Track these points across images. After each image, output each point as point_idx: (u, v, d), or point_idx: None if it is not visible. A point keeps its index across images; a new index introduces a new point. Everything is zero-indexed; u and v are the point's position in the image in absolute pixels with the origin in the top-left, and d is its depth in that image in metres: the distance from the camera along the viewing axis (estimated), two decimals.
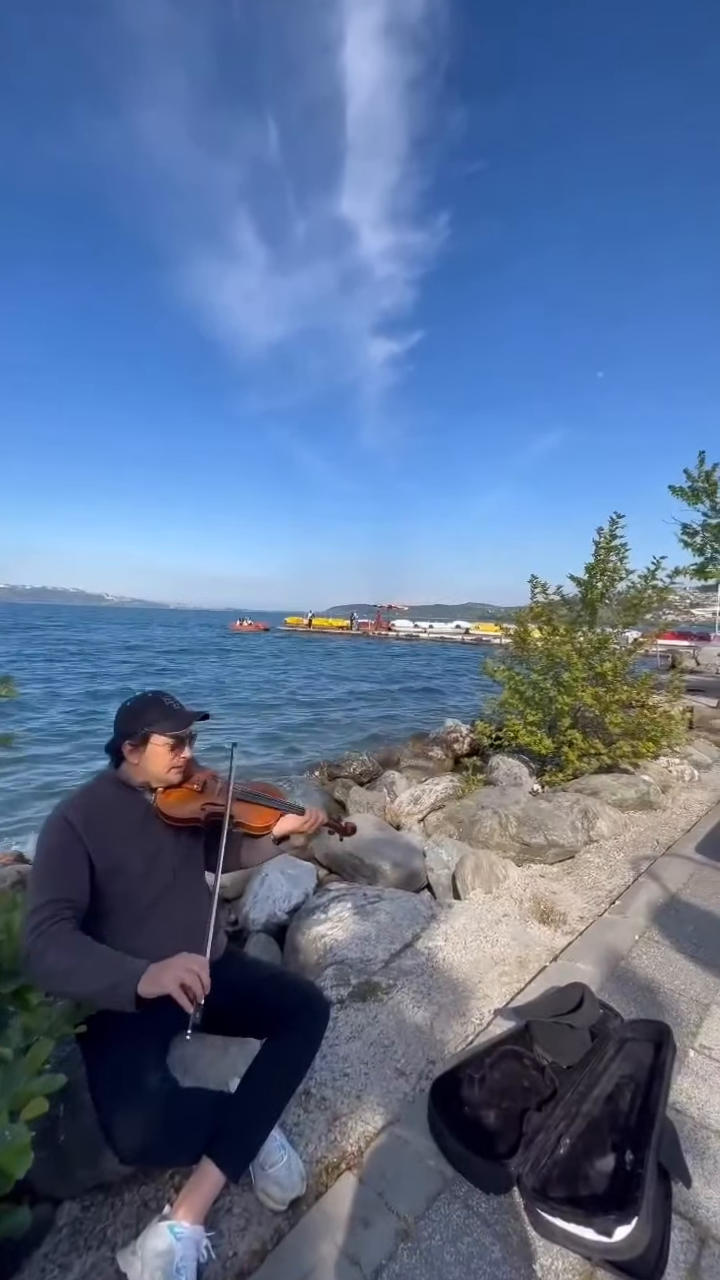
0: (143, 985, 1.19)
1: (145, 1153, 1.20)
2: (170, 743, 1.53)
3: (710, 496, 9.58)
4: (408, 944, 2.51)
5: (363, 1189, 1.35)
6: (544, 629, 5.92)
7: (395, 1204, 1.31)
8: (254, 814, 1.64)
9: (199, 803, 1.58)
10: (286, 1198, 1.34)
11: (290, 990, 1.59)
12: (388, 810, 4.80)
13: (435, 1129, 1.46)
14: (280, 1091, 1.43)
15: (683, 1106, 1.60)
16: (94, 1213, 1.33)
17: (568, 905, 2.93)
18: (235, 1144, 1.31)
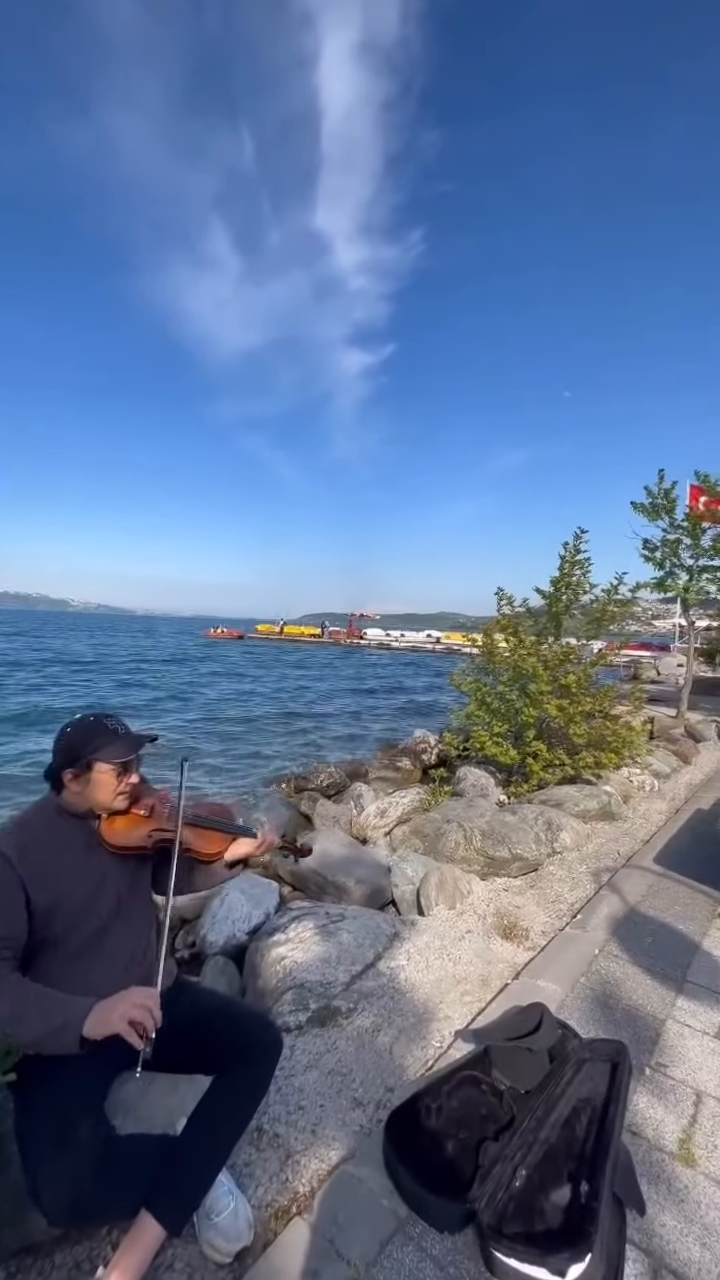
0: (89, 1026, 1.12)
1: (75, 1211, 1.12)
2: (116, 770, 1.45)
3: (669, 513, 9.93)
4: (370, 964, 2.46)
5: (313, 1236, 1.28)
6: (510, 640, 5.99)
7: (347, 1250, 1.25)
8: (205, 839, 1.57)
9: (146, 829, 1.50)
10: (232, 1249, 1.26)
11: (241, 1023, 1.52)
12: (354, 824, 4.75)
13: (390, 1165, 1.41)
14: (229, 1133, 1.36)
15: (638, 1128, 1.59)
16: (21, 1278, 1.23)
17: (530, 919, 2.93)
18: (177, 1193, 1.23)
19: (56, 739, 1.47)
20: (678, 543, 9.93)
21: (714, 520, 9.54)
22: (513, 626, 6.08)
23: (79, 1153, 1.13)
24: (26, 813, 1.47)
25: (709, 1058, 1.89)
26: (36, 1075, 1.21)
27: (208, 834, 1.60)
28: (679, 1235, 1.30)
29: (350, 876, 3.32)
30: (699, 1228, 1.32)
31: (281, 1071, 1.82)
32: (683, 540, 9.89)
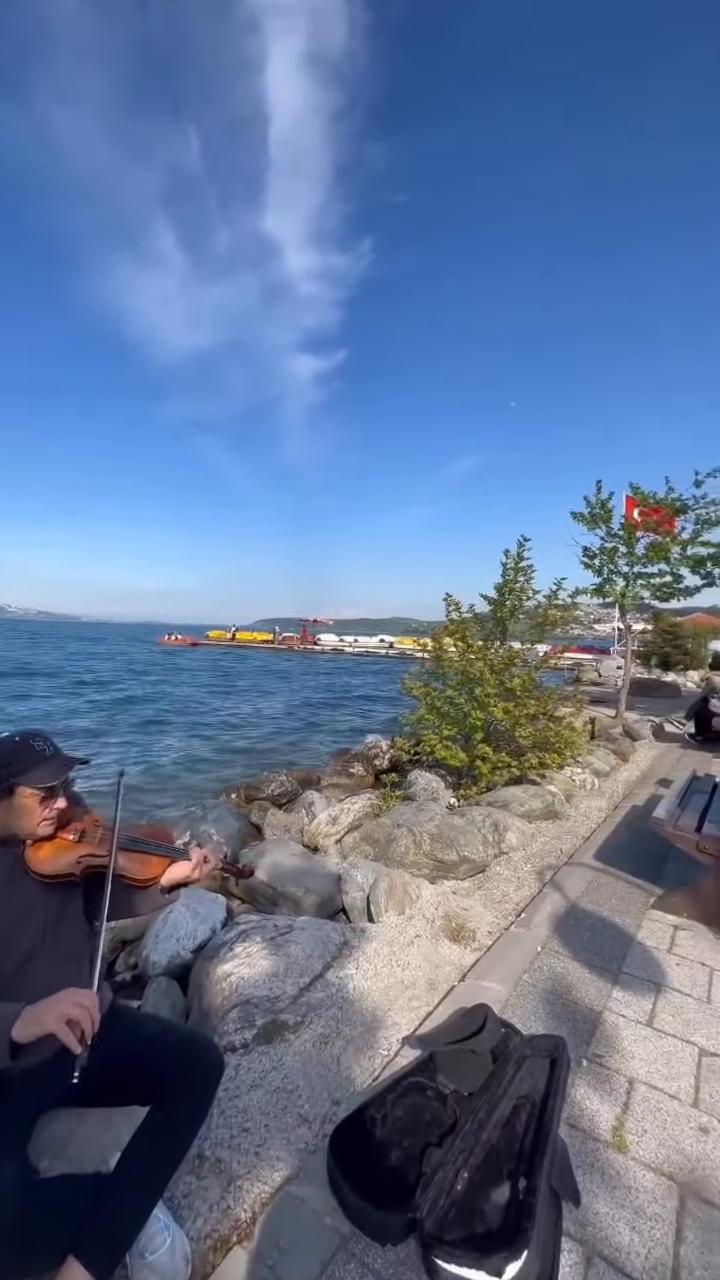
0: (19, 1028, 1.06)
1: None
2: (40, 795, 1.38)
3: (606, 522, 10.44)
4: (318, 975, 2.44)
5: (253, 1264, 1.25)
6: (458, 645, 6.13)
7: (287, 1276, 1.22)
8: (139, 864, 1.51)
9: (75, 855, 1.43)
10: None
11: (180, 1047, 1.47)
12: (305, 832, 4.70)
13: (334, 1182, 1.40)
14: (166, 1166, 1.30)
15: (575, 1119, 1.65)
16: None
17: (478, 921, 2.98)
18: (108, 1236, 1.17)
19: None
20: (614, 550, 10.45)
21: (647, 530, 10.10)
22: (460, 632, 6.22)
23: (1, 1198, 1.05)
24: None
25: (641, 1045, 1.98)
26: None
27: (142, 858, 1.54)
28: (611, 1222, 1.35)
29: (301, 887, 3.29)
30: (629, 1212, 1.37)
31: (225, 1093, 1.77)
32: (619, 548, 10.41)
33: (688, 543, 9.76)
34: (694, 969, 2.46)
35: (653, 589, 10.40)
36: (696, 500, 9.62)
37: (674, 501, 9.73)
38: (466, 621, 6.36)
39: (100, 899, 1.36)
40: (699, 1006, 2.20)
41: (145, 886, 1.54)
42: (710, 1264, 1.26)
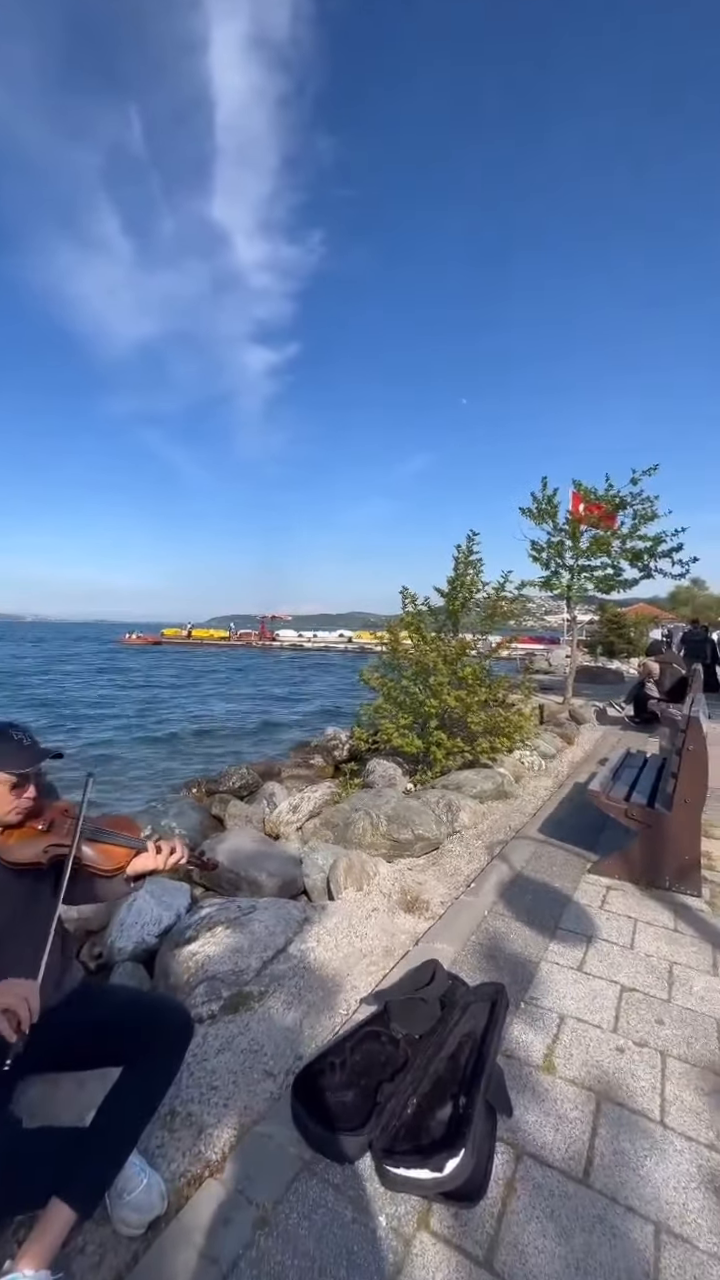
0: None
1: None
2: (12, 782, 1.45)
3: (552, 518, 10.92)
4: (280, 950, 2.57)
5: (224, 1191, 1.39)
6: (414, 637, 6.35)
7: (255, 1196, 1.37)
8: (105, 855, 1.57)
9: (42, 844, 1.49)
10: (144, 1220, 1.33)
11: (147, 1011, 1.58)
12: (267, 822, 4.81)
13: (297, 1117, 1.55)
14: (138, 1117, 1.42)
15: (512, 1051, 1.86)
16: None
17: (431, 893, 3.19)
18: (87, 1178, 1.28)
19: None
20: (560, 544, 10.95)
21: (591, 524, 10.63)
22: (415, 624, 6.44)
23: None
24: None
25: (571, 987, 2.22)
26: None
27: (108, 848, 1.60)
28: (538, 1128, 1.56)
29: (262, 871, 3.41)
30: (554, 1119, 1.59)
31: (194, 1058, 1.88)
32: (565, 542, 10.91)
33: (626, 537, 10.33)
34: (621, 921, 2.74)
35: (596, 581, 10.96)
36: (634, 497, 10.20)
37: (613, 497, 10.28)
38: (421, 614, 6.59)
39: (68, 886, 1.44)
40: (623, 952, 2.47)
41: (110, 876, 1.63)
42: (618, 1150, 1.49)
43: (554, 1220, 1.31)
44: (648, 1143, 1.52)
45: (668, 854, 3.04)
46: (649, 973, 2.32)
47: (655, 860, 3.07)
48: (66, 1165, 1.27)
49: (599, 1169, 1.44)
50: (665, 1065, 1.81)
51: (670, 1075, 1.76)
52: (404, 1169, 1.34)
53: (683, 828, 3.01)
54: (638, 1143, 1.52)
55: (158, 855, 1.65)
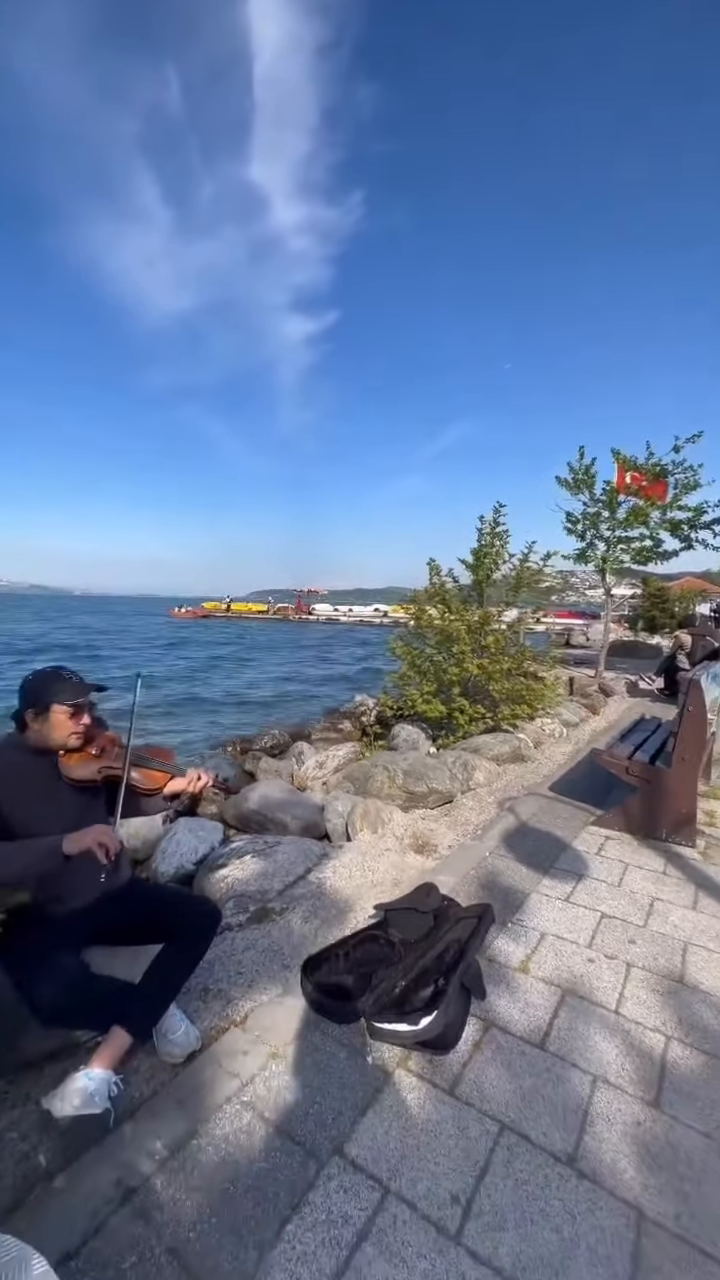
0: (68, 844, 1.52)
1: (62, 1014, 1.51)
2: (69, 711, 1.77)
3: (589, 488, 10.70)
4: (300, 877, 2.92)
5: (245, 1035, 1.74)
6: (439, 608, 6.53)
7: (269, 1039, 1.71)
8: (146, 776, 1.92)
9: (96, 765, 1.83)
10: (183, 1053, 1.69)
11: (185, 902, 1.94)
12: (295, 776, 5.19)
13: (304, 988, 1.88)
14: (178, 975, 1.77)
15: (494, 956, 2.14)
16: (17, 1085, 1.62)
17: (440, 839, 3.47)
18: (140, 1012, 1.64)
19: (20, 686, 1.78)
20: (597, 515, 10.75)
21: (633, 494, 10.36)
22: (441, 595, 6.61)
23: (63, 972, 1.52)
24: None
25: (556, 913, 2.47)
26: (29, 921, 1.58)
27: (148, 772, 1.94)
28: (507, 1009, 1.84)
29: (287, 814, 3.77)
30: (522, 1004, 1.87)
31: (224, 953, 2.25)
32: (601, 513, 10.71)
33: (667, 507, 10.06)
34: (613, 865, 2.96)
35: (633, 553, 10.74)
36: (676, 465, 9.89)
37: (654, 466, 10.00)
38: (446, 586, 6.75)
39: (115, 799, 1.79)
40: (609, 888, 2.71)
41: (150, 794, 1.97)
42: (573, 1028, 1.76)
43: (509, 1069, 1.60)
44: (600, 1025, 1.79)
45: (665, 808, 3.21)
46: (630, 905, 2.55)
47: (653, 813, 3.26)
48: (123, 1003, 1.63)
49: (554, 1039, 1.72)
50: (629, 973, 2.05)
51: (631, 980, 2.01)
52: (387, 1024, 1.65)
53: (681, 783, 3.18)
54: (591, 1024, 1.79)
55: (189, 779, 1.99)
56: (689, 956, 2.17)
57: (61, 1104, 1.44)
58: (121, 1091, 1.53)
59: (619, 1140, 1.40)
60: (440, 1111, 1.46)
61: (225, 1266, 1.10)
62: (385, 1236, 1.16)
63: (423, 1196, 1.25)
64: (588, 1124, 1.44)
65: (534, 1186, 1.28)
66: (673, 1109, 1.49)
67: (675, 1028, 1.79)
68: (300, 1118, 1.44)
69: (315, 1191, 1.25)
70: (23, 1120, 1.49)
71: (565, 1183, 1.29)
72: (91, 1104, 1.42)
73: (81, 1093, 1.44)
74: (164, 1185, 1.26)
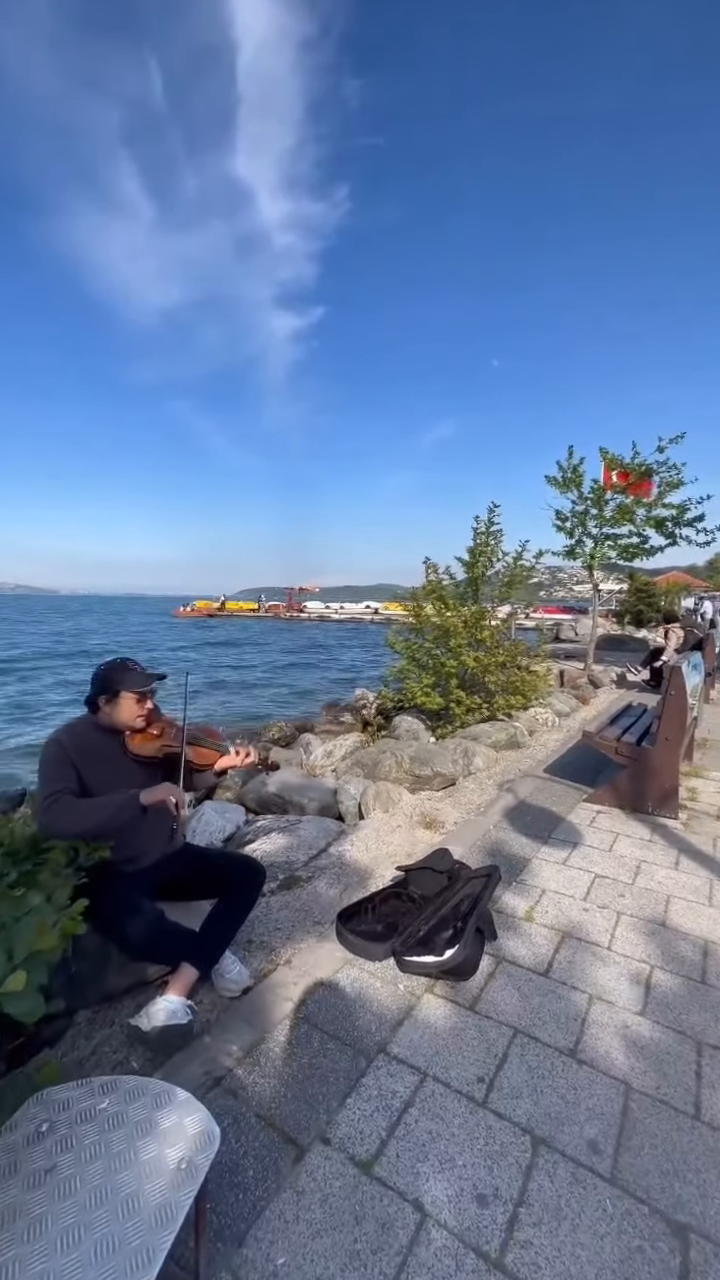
0: (145, 796, 1.84)
1: (144, 949, 1.79)
2: (136, 697, 2.05)
3: (577, 486, 11.05)
4: (322, 850, 3.22)
5: (291, 971, 2.03)
6: (436, 604, 6.83)
7: (314, 973, 2.01)
8: (200, 754, 2.20)
9: (158, 744, 2.11)
10: (239, 988, 1.98)
11: (234, 860, 2.23)
12: (305, 765, 5.48)
13: (340, 934, 2.17)
14: (232, 923, 2.06)
15: (502, 909, 2.45)
16: (102, 1014, 1.89)
17: (446, 816, 3.78)
18: (203, 952, 1.93)
19: (94, 675, 2.05)
20: (585, 513, 11.11)
21: (619, 491, 10.71)
22: (438, 591, 6.91)
23: (143, 915, 1.80)
24: (74, 722, 2.06)
25: (555, 874, 2.79)
26: (109, 874, 1.85)
27: (202, 750, 2.23)
28: (514, 948, 2.15)
29: (305, 797, 4.06)
30: (528, 944, 2.18)
31: (262, 913, 2.53)
32: (589, 511, 11.07)
33: (652, 504, 10.43)
34: (604, 834, 3.29)
35: (620, 549, 11.12)
36: (660, 465, 10.27)
37: (639, 465, 10.36)
38: (443, 583, 7.05)
39: (175, 775, 2.06)
40: (602, 854, 3.03)
41: (203, 770, 2.25)
42: (572, 961, 2.08)
43: (519, 990, 1.91)
44: (594, 958, 2.10)
45: (650, 784, 3.54)
46: (620, 867, 2.87)
47: (640, 789, 3.58)
48: (189, 944, 1.91)
49: (556, 969, 2.03)
50: (619, 920, 2.37)
51: (621, 925, 2.33)
52: (415, 956, 1.94)
53: (664, 761, 3.50)
54: (587, 958, 2.10)
55: (236, 756, 2.27)
56: (671, 906, 2.49)
57: (149, 1020, 1.72)
58: (195, 1015, 1.81)
59: (611, 1038, 1.71)
60: (464, 1021, 1.77)
61: (304, 1123, 1.39)
62: (427, 1104, 1.46)
63: (455, 1079, 1.54)
64: (585, 1027, 1.75)
65: (543, 1070, 1.58)
66: (655, 1015, 1.81)
67: (659, 959, 2.11)
68: (349, 1028, 1.73)
69: (367, 1077, 1.54)
70: (113, 1038, 1.77)
71: (568, 1067, 1.59)
72: (176, 1017, 1.70)
73: (166, 1010, 1.73)
74: (245, 1074, 1.55)
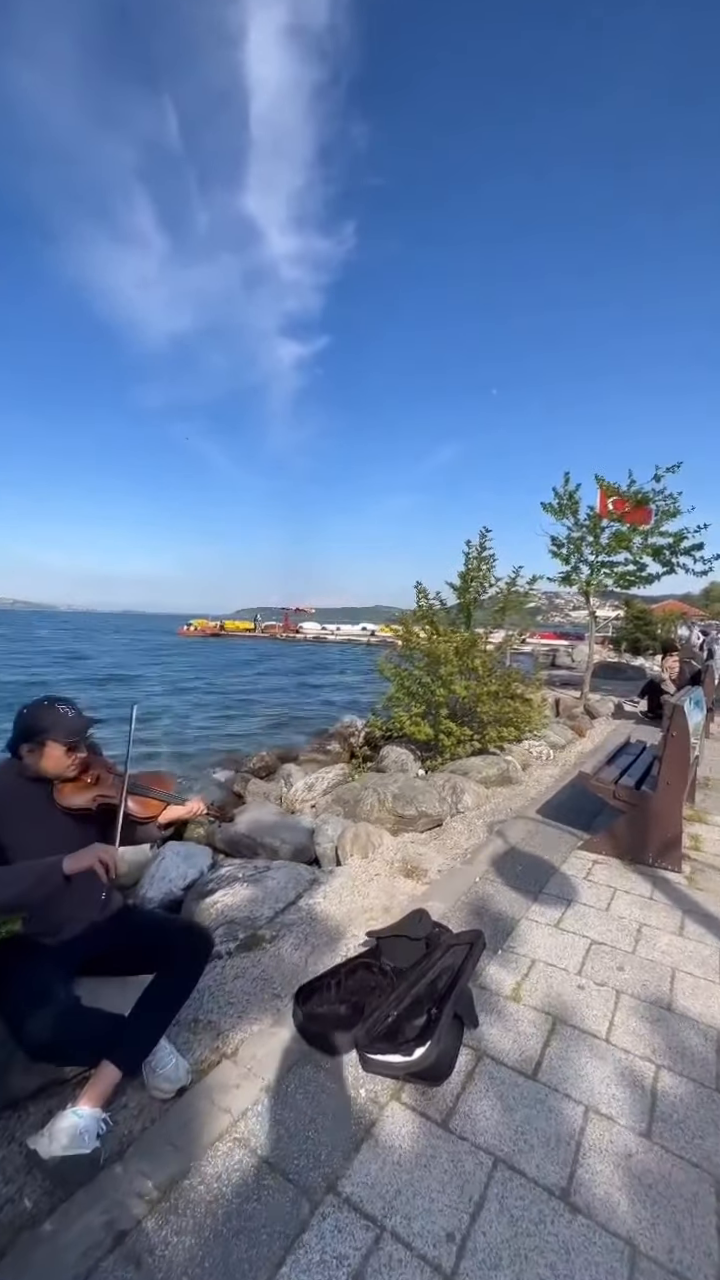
0: (69, 863, 1.53)
1: (49, 1048, 1.48)
2: (65, 748, 1.78)
3: (573, 513, 10.97)
4: (291, 903, 2.90)
5: (236, 1068, 1.72)
6: (427, 629, 6.60)
7: (261, 1072, 1.70)
8: (142, 805, 1.92)
9: (91, 794, 1.83)
10: (173, 1088, 1.66)
11: (175, 928, 1.93)
12: (284, 799, 5.16)
13: (296, 1018, 1.87)
14: (168, 1006, 1.75)
15: (485, 984, 2.15)
16: (2, 1123, 1.58)
17: (430, 862, 3.47)
18: (129, 1046, 1.62)
19: (16, 718, 1.77)
20: (581, 540, 11.00)
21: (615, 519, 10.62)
22: (429, 617, 6.69)
23: (53, 1005, 1.50)
24: None
25: (546, 939, 2.49)
26: (19, 951, 1.56)
27: (144, 800, 1.95)
28: (499, 1039, 1.84)
29: (277, 838, 3.75)
30: (513, 1033, 1.87)
31: (213, 983, 2.22)
32: (585, 538, 10.96)
33: (649, 532, 10.34)
34: (601, 890, 2.99)
35: (616, 576, 10.99)
36: (657, 493, 10.20)
37: (636, 493, 10.30)
38: (434, 608, 6.83)
39: (110, 829, 1.78)
40: (599, 914, 2.73)
41: (145, 822, 1.97)
42: (565, 1057, 1.77)
43: (503, 1100, 1.60)
44: (591, 1053, 1.80)
45: (651, 832, 3.26)
46: (619, 931, 2.57)
47: (640, 838, 3.30)
48: (112, 1037, 1.61)
49: (546, 1069, 1.73)
50: (619, 1000, 2.07)
51: (621, 1007, 2.03)
52: (380, 1055, 1.64)
53: (666, 808, 3.23)
54: (583, 1053, 1.80)
55: (184, 807, 2.00)
56: (676, 983, 2.20)
57: (50, 1144, 1.41)
58: (110, 1129, 1.50)
59: (612, 1173, 1.41)
60: (434, 1145, 1.46)
61: None
62: (380, 1278, 1.15)
63: (418, 1235, 1.24)
64: (580, 1156, 1.45)
65: (528, 1222, 1.28)
66: (663, 1139, 1.51)
67: (664, 1055, 1.81)
68: (293, 1154, 1.43)
69: (309, 1232, 1.24)
70: (7, 1162, 1.45)
71: (559, 1218, 1.29)
72: (81, 1143, 1.39)
73: (70, 1131, 1.42)
74: (156, 1228, 1.24)
